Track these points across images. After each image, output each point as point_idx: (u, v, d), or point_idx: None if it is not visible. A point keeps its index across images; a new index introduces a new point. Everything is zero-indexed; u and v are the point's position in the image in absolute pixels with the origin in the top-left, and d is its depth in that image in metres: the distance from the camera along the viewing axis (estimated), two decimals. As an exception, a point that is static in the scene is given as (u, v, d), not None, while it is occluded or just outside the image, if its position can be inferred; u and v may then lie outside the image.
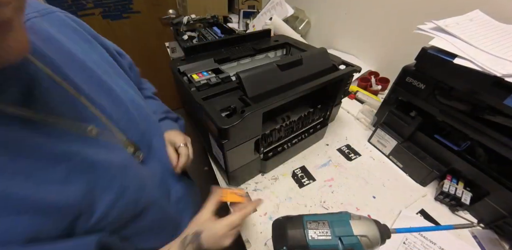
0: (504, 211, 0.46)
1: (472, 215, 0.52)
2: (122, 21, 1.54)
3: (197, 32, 1.16)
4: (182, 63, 0.56)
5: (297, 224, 0.30)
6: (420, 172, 0.57)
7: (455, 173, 0.53)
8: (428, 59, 0.48)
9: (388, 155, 0.65)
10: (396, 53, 0.87)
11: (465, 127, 0.47)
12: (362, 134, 0.72)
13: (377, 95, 0.87)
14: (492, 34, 0.47)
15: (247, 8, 1.44)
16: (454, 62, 0.42)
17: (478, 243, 0.47)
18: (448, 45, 0.44)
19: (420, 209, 0.53)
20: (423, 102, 0.53)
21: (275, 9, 1.15)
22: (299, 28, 1.18)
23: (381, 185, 0.58)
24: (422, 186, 0.58)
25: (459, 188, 0.51)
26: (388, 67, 0.91)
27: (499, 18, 0.52)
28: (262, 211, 0.52)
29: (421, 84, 0.52)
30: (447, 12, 0.53)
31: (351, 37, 1.03)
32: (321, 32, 1.19)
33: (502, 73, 0.37)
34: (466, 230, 0.50)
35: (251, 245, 0.46)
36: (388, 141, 0.63)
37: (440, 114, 0.51)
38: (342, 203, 0.54)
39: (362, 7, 0.92)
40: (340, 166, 0.63)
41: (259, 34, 0.74)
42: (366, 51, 0.98)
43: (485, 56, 0.41)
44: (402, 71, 0.55)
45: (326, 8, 1.11)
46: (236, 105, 0.43)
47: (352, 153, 0.66)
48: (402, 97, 0.59)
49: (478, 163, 0.49)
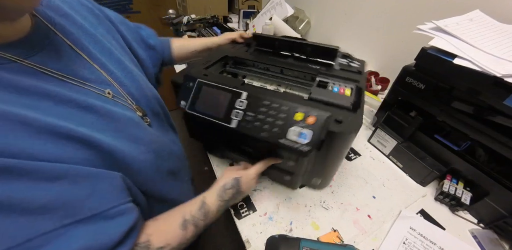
0: (504, 211, 0.46)
1: (472, 215, 0.52)
2: (122, 21, 1.55)
3: (197, 32, 1.17)
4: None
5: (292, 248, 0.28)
6: (420, 172, 0.57)
7: (455, 173, 0.53)
8: (428, 59, 0.48)
9: (388, 155, 0.65)
10: (396, 53, 0.87)
11: (465, 127, 0.47)
12: (362, 134, 0.72)
13: (377, 95, 0.87)
14: (492, 34, 0.47)
15: (247, 8, 1.44)
16: (454, 62, 0.42)
17: (478, 243, 0.47)
18: (448, 45, 0.44)
19: (420, 209, 0.53)
20: (423, 102, 0.53)
21: (275, 9, 1.15)
22: (299, 28, 1.18)
23: (381, 185, 0.58)
24: (422, 186, 0.58)
25: (459, 188, 0.51)
26: (388, 67, 0.91)
27: (499, 18, 0.52)
28: (262, 211, 0.52)
29: (421, 84, 0.52)
30: (447, 12, 0.53)
31: (351, 37, 1.03)
32: (321, 32, 1.19)
33: (502, 73, 0.37)
34: (466, 230, 0.50)
35: (251, 245, 0.46)
36: (388, 141, 0.63)
37: (440, 114, 0.51)
38: (342, 203, 0.54)
39: (362, 7, 0.92)
40: (340, 166, 0.63)
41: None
42: (366, 51, 0.98)
43: (485, 56, 0.41)
44: (402, 71, 0.55)
45: (326, 8, 1.11)
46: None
47: (352, 153, 0.66)
48: (402, 97, 0.59)
49: (478, 163, 0.49)
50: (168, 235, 0.34)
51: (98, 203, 0.26)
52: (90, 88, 0.32)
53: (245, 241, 0.47)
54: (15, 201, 0.20)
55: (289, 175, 0.50)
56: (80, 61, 0.33)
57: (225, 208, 0.43)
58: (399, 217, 0.51)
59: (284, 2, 1.12)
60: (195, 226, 0.37)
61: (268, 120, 0.40)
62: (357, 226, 0.50)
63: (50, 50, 0.29)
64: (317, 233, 0.48)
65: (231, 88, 0.43)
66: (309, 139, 0.37)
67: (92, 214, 0.25)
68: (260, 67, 0.60)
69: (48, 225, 0.22)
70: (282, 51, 0.61)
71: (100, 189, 0.26)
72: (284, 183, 0.56)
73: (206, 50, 0.70)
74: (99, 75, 0.34)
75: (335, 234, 0.48)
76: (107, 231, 0.26)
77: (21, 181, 0.21)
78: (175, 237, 0.35)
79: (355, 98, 0.44)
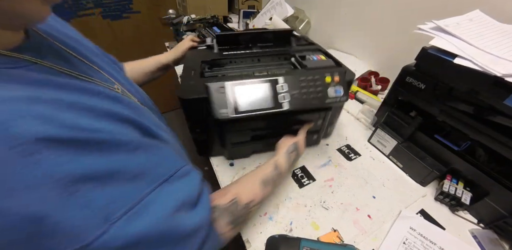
0: (504, 211, 0.46)
1: (472, 215, 0.52)
2: (122, 21, 1.54)
3: (197, 32, 1.16)
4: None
5: (292, 248, 0.28)
6: (420, 172, 0.57)
7: (455, 173, 0.53)
8: (428, 59, 0.48)
9: (388, 155, 0.65)
10: (396, 53, 0.87)
11: (465, 127, 0.47)
12: (362, 134, 0.72)
13: (377, 95, 0.87)
14: (492, 34, 0.47)
15: (247, 8, 1.44)
16: (454, 62, 0.42)
17: (478, 243, 0.47)
18: (448, 45, 0.44)
19: (420, 209, 0.53)
20: (423, 102, 0.53)
21: (275, 9, 1.15)
22: (299, 28, 1.18)
23: (381, 185, 0.58)
24: (422, 186, 0.58)
25: (459, 188, 0.51)
26: (388, 67, 0.91)
27: (499, 18, 0.52)
28: (262, 211, 0.52)
29: (421, 84, 0.52)
30: (447, 12, 0.53)
31: (351, 37, 1.03)
32: (321, 32, 1.19)
33: (502, 73, 0.37)
34: (466, 230, 0.50)
35: (251, 245, 0.46)
36: (388, 141, 0.63)
37: (440, 114, 0.51)
38: (342, 203, 0.54)
39: (362, 7, 0.92)
40: (340, 166, 0.63)
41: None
42: (366, 51, 0.98)
43: (485, 56, 0.41)
44: (402, 71, 0.55)
45: (326, 8, 1.11)
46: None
47: (352, 153, 0.66)
48: (402, 97, 0.58)
49: (478, 163, 0.49)
50: (251, 193, 0.41)
51: (168, 167, 0.29)
52: (104, 85, 0.33)
53: (245, 241, 0.47)
54: (117, 170, 0.23)
55: (316, 133, 0.63)
56: (83, 64, 0.34)
57: (289, 171, 0.53)
58: (399, 217, 0.51)
59: (284, 2, 1.12)
60: (272, 185, 0.44)
61: (311, 91, 0.49)
62: (357, 226, 0.50)
63: (55, 54, 0.30)
64: (317, 233, 0.48)
65: (266, 78, 0.48)
66: (342, 92, 0.50)
67: (169, 176, 0.28)
68: (237, 63, 0.61)
69: (145, 189, 0.25)
70: (247, 43, 0.65)
71: (165, 155, 0.30)
72: (311, 143, 0.67)
73: (162, 69, 0.67)
74: (102, 75, 0.36)
75: (335, 234, 0.48)
76: (187, 184, 0.31)
77: (116, 153, 0.24)
78: (257, 194, 0.41)
79: (332, 59, 0.58)
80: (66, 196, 0.19)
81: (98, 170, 0.22)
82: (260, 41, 0.66)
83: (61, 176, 0.19)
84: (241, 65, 0.60)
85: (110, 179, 0.22)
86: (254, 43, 0.65)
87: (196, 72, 0.53)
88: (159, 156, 0.29)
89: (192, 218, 0.29)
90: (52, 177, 0.19)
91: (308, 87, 0.49)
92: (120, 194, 0.23)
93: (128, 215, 0.22)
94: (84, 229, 0.20)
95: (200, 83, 0.47)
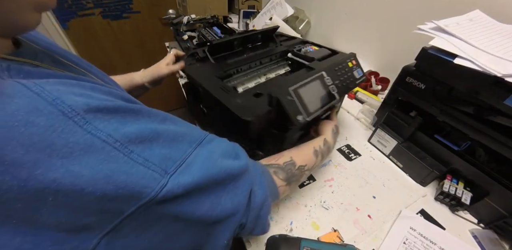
0: (504, 211, 0.46)
1: (472, 215, 0.52)
2: (122, 21, 1.54)
3: (197, 32, 1.16)
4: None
5: (292, 248, 0.28)
6: (420, 172, 0.57)
7: (455, 173, 0.53)
8: (428, 59, 0.48)
9: (388, 155, 0.65)
10: (396, 53, 0.87)
11: (465, 127, 0.47)
12: (362, 134, 0.72)
13: (377, 95, 0.87)
14: (492, 34, 0.47)
15: (247, 8, 1.44)
16: (455, 62, 0.42)
17: (478, 243, 0.47)
18: (448, 45, 0.44)
19: (420, 209, 0.53)
20: (423, 102, 0.53)
21: (275, 9, 1.15)
22: (299, 28, 1.18)
23: (381, 185, 0.58)
24: (422, 186, 0.58)
25: (459, 188, 0.51)
26: (388, 67, 0.91)
27: (499, 18, 0.52)
28: (262, 211, 0.52)
29: (421, 84, 0.52)
30: (447, 12, 0.53)
31: (351, 37, 1.03)
32: (321, 32, 1.19)
33: (502, 73, 0.37)
34: (466, 230, 0.50)
35: (251, 245, 0.46)
36: (388, 141, 0.63)
37: (440, 114, 0.51)
38: (342, 203, 0.54)
39: (362, 7, 0.92)
40: (340, 166, 0.63)
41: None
42: (366, 51, 0.98)
43: (486, 56, 0.41)
44: (402, 71, 0.55)
45: (326, 8, 1.11)
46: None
47: (352, 153, 0.66)
48: (402, 97, 0.59)
49: (478, 163, 0.49)
50: (305, 158, 0.45)
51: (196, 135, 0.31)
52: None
53: (245, 241, 0.47)
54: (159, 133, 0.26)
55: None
56: (73, 68, 0.35)
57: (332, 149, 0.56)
58: (399, 217, 0.51)
59: (284, 2, 1.12)
60: (321, 157, 0.49)
61: (345, 77, 0.56)
62: (357, 226, 0.50)
63: (50, 59, 0.31)
64: (317, 233, 0.48)
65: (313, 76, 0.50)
66: (361, 72, 0.61)
67: (200, 141, 0.30)
68: (243, 70, 0.61)
69: (187, 148, 0.28)
70: (238, 48, 0.67)
71: (188, 125, 0.33)
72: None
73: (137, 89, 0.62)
74: (92, 77, 0.37)
75: (335, 234, 0.48)
76: (221, 143, 0.33)
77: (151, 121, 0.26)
78: (310, 161, 0.46)
79: (324, 47, 0.67)
80: (126, 155, 0.22)
81: (144, 133, 0.24)
82: (249, 43, 0.68)
83: (118, 138, 0.22)
84: (248, 71, 0.62)
85: (156, 141, 0.25)
86: (244, 45, 0.67)
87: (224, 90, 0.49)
88: (186, 126, 0.32)
89: (237, 163, 0.32)
90: (110, 139, 0.21)
91: (342, 75, 0.56)
92: (169, 152, 0.25)
93: (182, 168, 0.25)
94: (149, 182, 0.23)
95: (244, 98, 0.46)
